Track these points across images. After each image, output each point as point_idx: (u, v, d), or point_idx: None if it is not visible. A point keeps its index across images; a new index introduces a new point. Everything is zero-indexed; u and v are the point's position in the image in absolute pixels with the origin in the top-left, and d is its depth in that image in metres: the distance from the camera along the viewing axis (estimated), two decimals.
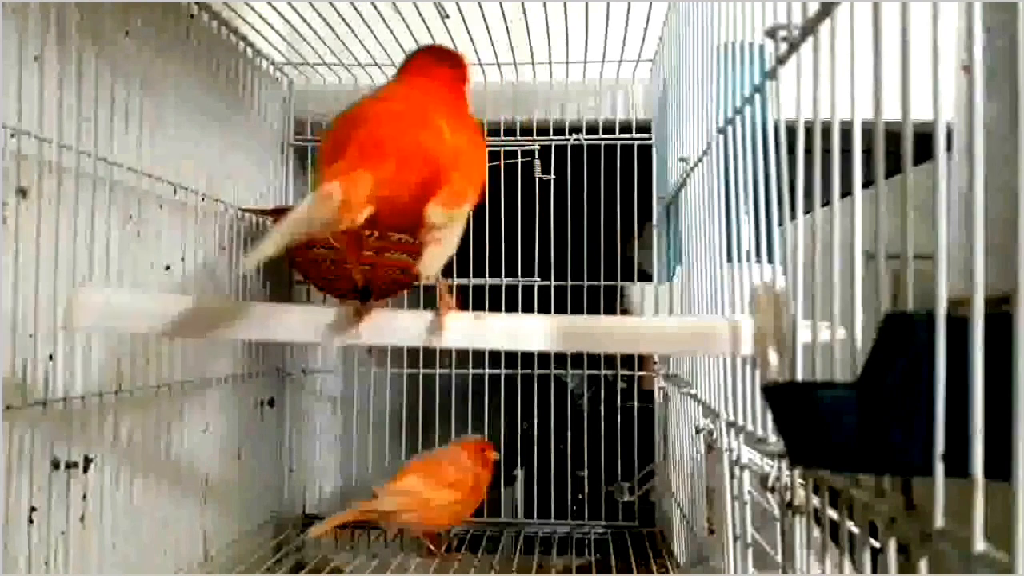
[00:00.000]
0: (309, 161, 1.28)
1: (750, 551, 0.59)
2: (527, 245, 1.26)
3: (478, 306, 1.25)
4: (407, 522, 1.09)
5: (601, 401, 1.37)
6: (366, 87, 1.24)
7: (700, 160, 0.76)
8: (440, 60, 0.64)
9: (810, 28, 0.41)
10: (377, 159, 0.50)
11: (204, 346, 0.99)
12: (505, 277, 1.27)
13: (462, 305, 0.59)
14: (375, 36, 1.11)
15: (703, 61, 0.73)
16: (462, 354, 1.28)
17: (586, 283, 1.26)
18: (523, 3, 1.04)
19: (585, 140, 1.27)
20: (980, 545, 0.26)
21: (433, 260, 0.51)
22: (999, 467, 0.25)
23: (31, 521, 0.68)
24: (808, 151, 0.42)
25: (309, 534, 1.08)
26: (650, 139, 1.25)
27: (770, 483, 0.50)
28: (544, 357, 1.30)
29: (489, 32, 1.10)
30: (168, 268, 0.91)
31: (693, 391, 0.81)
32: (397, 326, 0.58)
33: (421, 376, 1.29)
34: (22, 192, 0.67)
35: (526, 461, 1.33)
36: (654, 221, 1.23)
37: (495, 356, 1.28)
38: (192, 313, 0.58)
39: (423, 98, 0.58)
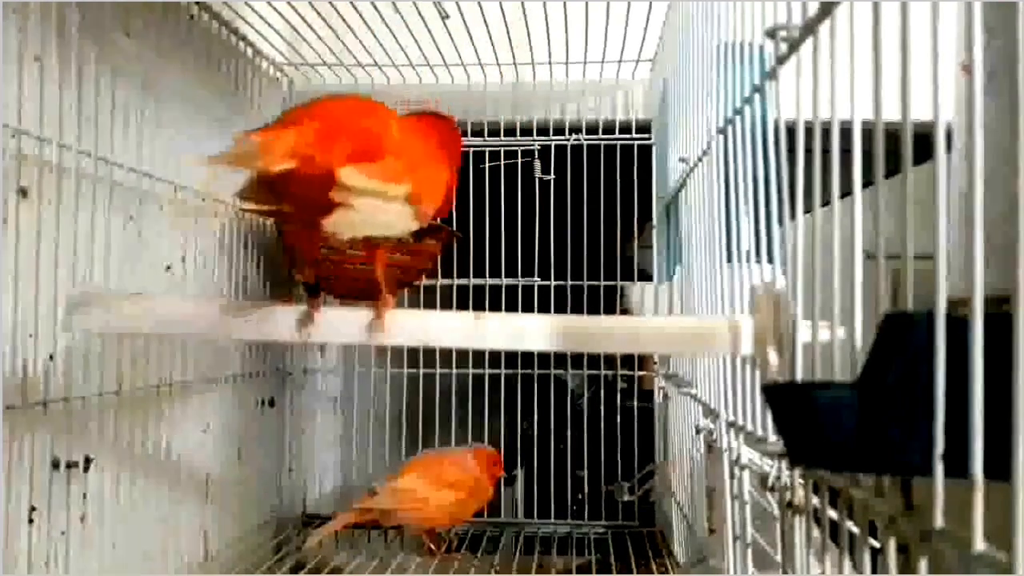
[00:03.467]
0: None
1: (750, 551, 0.59)
2: (527, 245, 1.26)
3: (478, 306, 1.26)
4: (405, 520, 1.09)
5: (601, 401, 1.37)
6: (366, 87, 1.24)
7: (700, 160, 0.76)
8: (438, 117, 0.66)
9: (810, 28, 0.41)
10: (305, 122, 0.52)
11: (204, 346, 0.99)
12: (505, 277, 1.27)
13: (461, 305, 0.60)
14: (375, 36, 1.11)
15: (703, 61, 0.73)
16: (462, 354, 1.28)
17: (586, 283, 1.26)
18: (523, 3, 1.04)
19: (585, 140, 1.27)
20: (980, 545, 0.26)
21: (341, 222, 0.51)
22: (999, 467, 0.25)
23: (31, 521, 0.68)
24: (808, 151, 0.42)
25: (308, 544, 1.08)
26: (650, 139, 1.25)
27: (770, 483, 0.50)
28: (544, 357, 1.30)
29: (489, 32, 1.10)
30: (168, 268, 0.91)
31: (693, 391, 0.81)
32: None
33: (421, 376, 1.29)
34: (22, 192, 0.67)
35: (526, 461, 1.33)
36: (654, 221, 1.23)
37: (495, 356, 1.28)
38: (191, 313, 0.58)
39: (377, 105, 0.60)
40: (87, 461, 0.75)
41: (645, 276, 1.29)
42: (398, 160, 0.54)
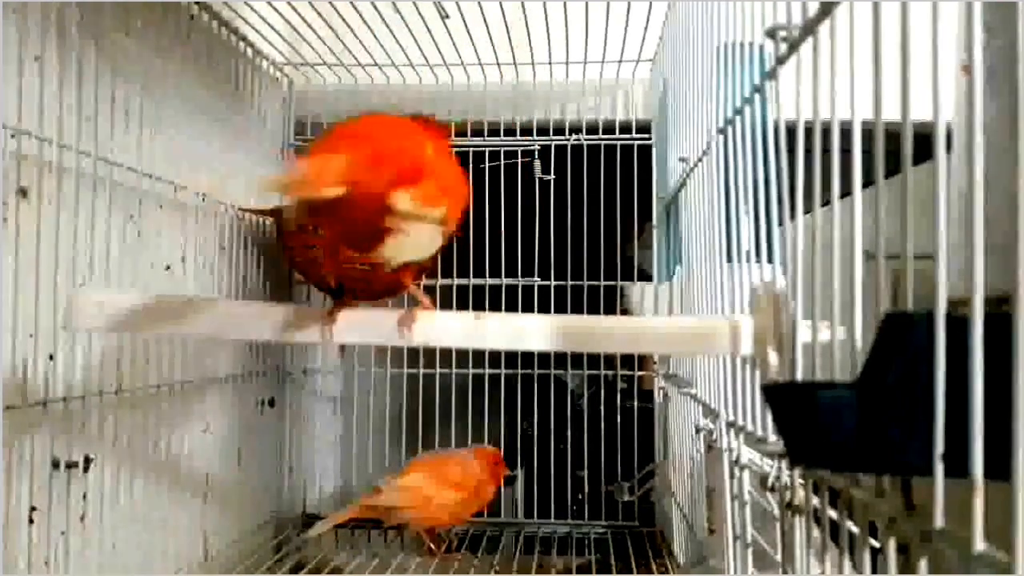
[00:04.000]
0: None
1: (750, 551, 0.59)
2: (527, 245, 1.26)
3: (478, 306, 1.26)
4: (408, 519, 1.09)
5: (601, 401, 1.37)
6: (366, 87, 1.24)
7: (700, 160, 0.76)
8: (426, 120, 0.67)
9: (810, 28, 0.41)
10: (354, 146, 0.52)
11: (204, 346, 0.99)
12: (505, 277, 1.27)
13: (461, 305, 0.60)
14: (375, 36, 1.11)
15: (703, 61, 0.73)
16: (462, 354, 1.28)
17: (586, 283, 1.26)
18: (523, 3, 1.04)
19: (585, 140, 1.27)
20: (980, 545, 0.26)
21: (398, 249, 0.52)
22: (999, 467, 0.25)
23: (31, 521, 0.68)
24: (808, 151, 0.42)
25: (310, 533, 1.08)
26: (650, 139, 1.25)
27: (770, 483, 0.50)
28: (544, 357, 1.30)
29: (489, 32, 1.10)
30: (168, 268, 0.91)
31: (693, 391, 0.81)
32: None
33: (421, 376, 1.29)
34: (22, 192, 0.67)
35: (526, 461, 1.33)
36: (654, 221, 1.23)
37: (495, 356, 1.28)
38: (191, 313, 0.58)
39: (412, 124, 0.60)
40: (87, 461, 0.75)
41: (645, 276, 1.29)
42: (435, 182, 0.54)
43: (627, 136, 1.26)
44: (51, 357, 0.70)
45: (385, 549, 1.21)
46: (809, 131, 0.41)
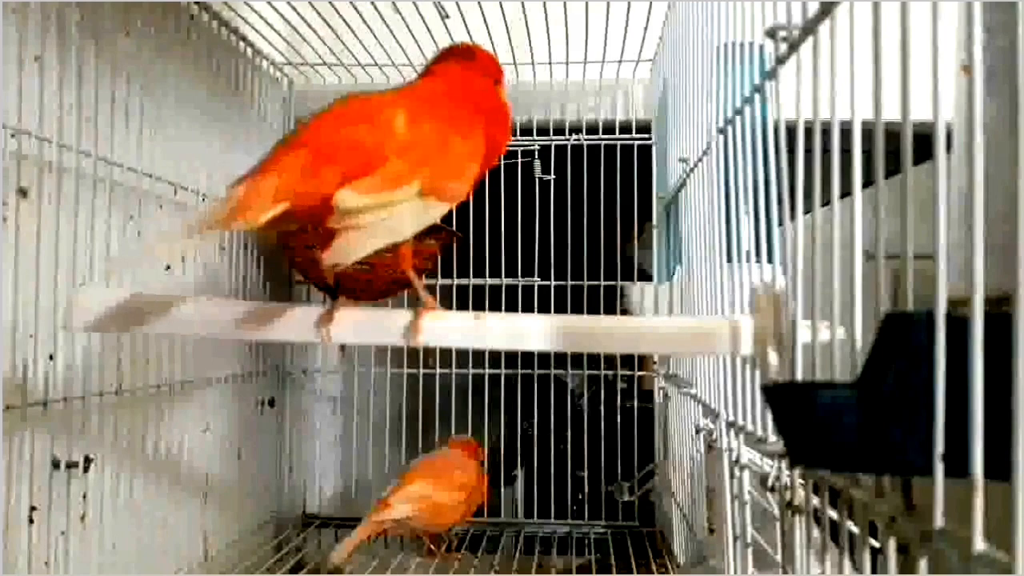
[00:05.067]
0: None
1: (750, 551, 0.59)
2: (527, 245, 1.26)
3: (478, 306, 1.25)
4: (418, 526, 1.08)
5: (601, 401, 1.37)
6: (366, 87, 1.24)
7: (700, 160, 0.76)
8: (454, 57, 0.66)
9: (810, 28, 0.41)
10: (289, 157, 0.50)
11: (204, 346, 0.99)
12: (505, 277, 1.27)
13: (461, 305, 0.59)
14: (375, 36, 1.11)
15: (703, 61, 0.73)
16: (462, 354, 1.28)
17: (586, 283, 1.26)
18: (523, 3, 1.04)
19: (585, 140, 1.27)
20: (980, 545, 0.26)
21: (346, 247, 0.48)
22: (999, 467, 0.25)
23: (31, 521, 0.68)
24: (808, 151, 0.42)
25: (333, 560, 1.06)
26: (650, 139, 1.25)
27: (770, 483, 0.50)
28: (544, 357, 1.30)
29: (489, 32, 1.10)
30: (168, 268, 0.91)
31: (693, 391, 0.81)
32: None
33: (421, 376, 1.29)
34: (22, 192, 0.67)
35: (526, 461, 1.33)
36: (654, 221, 1.23)
37: (495, 356, 1.28)
38: (191, 313, 0.58)
39: (395, 95, 0.59)
40: (87, 461, 0.75)
41: (645, 276, 1.29)
42: (404, 158, 0.52)
43: (627, 136, 1.26)
44: (51, 357, 0.70)
45: (385, 549, 1.21)
46: (809, 131, 0.41)
